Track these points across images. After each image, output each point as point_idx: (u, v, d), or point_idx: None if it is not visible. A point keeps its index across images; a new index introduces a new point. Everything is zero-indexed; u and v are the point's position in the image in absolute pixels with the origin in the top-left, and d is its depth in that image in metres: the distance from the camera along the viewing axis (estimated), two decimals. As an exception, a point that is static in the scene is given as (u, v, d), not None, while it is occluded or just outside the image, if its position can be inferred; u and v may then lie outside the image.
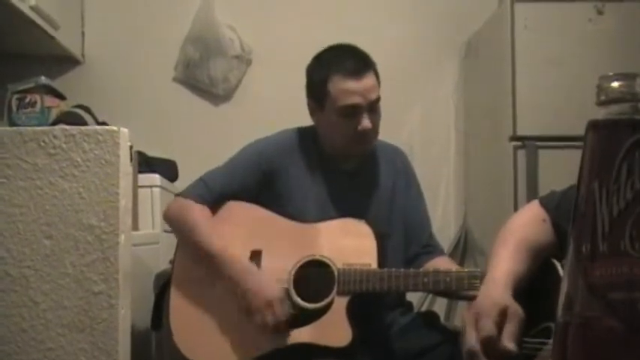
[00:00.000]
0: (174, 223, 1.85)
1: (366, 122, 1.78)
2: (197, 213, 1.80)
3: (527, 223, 1.25)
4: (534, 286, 1.18)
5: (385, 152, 1.98)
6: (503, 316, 1.07)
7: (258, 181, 1.86)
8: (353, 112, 1.78)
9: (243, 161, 1.88)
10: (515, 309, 1.07)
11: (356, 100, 1.77)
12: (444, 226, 2.99)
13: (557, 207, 1.24)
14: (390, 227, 1.87)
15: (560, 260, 1.16)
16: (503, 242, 1.22)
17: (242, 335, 1.73)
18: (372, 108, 1.81)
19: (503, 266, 1.17)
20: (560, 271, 1.15)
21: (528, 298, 1.14)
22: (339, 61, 1.81)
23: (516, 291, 1.13)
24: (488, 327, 1.05)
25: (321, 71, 1.83)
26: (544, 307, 1.07)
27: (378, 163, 1.96)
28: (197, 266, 1.80)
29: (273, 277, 1.73)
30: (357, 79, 1.78)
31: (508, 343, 1.04)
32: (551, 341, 1.07)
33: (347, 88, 1.78)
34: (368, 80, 1.80)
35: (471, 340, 1.06)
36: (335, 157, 1.90)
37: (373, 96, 1.80)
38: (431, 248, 1.95)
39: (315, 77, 1.85)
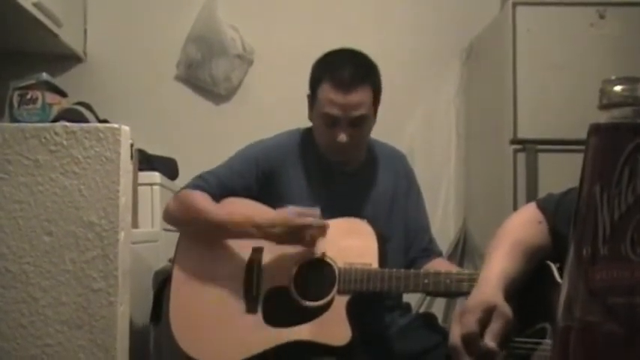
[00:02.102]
0: (177, 212, 1.84)
1: (341, 136, 1.79)
2: (199, 195, 1.81)
3: (523, 225, 1.25)
4: (529, 288, 1.18)
5: (386, 155, 1.99)
6: (489, 313, 1.06)
7: (256, 181, 1.86)
8: (332, 122, 1.80)
9: (241, 161, 1.88)
10: (503, 309, 1.07)
11: (335, 112, 1.78)
12: (443, 228, 2.99)
13: (555, 210, 1.24)
14: (390, 230, 1.87)
15: (555, 262, 1.16)
16: (498, 243, 1.22)
17: (242, 332, 1.73)
18: (355, 123, 1.80)
19: (496, 266, 1.17)
20: (555, 273, 1.15)
21: (523, 299, 1.14)
22: (336, 69, 1.81)
23: (509, 291, 1.13)
24: (470, 323, 1.05)
25: (318, 73, 1.85)
26: (539, 308, 1.07)
27: (379, 166, 1.96)
28: (198, 263, 1.81)
29: (270, 282, 1.75)
30: (345, 92, 1.78)
31: (489, 341, 1.04)
32: (546, 341, 1.08)
33: (330, 99, 1.79)
34: (356, 96, 1.78)
35: (454, 336, 1.06)
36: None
37: (357, 112, 1.79)
38: (429, 252, 1.95)
39: (314, 76, 1.87)
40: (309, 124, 1.95)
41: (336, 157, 1.88)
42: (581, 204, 0.52)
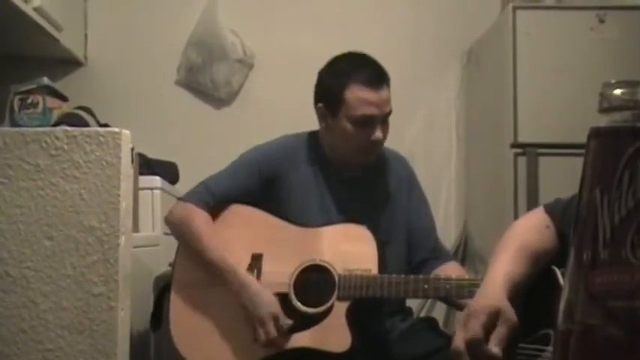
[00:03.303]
0: (177, 228, 1.86)
1: (378, 134, 1.79)
2: (199, 219, 1.80)
3: (531, 229, 1.25)
4: (534, 293, 1.18)
5: (388, 159, 1.98)
6: (494, 318, 1.05)
7: (259, 185, 1.86)
8: (367, 122, 1.78)
9: (244, 165, 1.88)
10: (509, 314, 1.06)
11: (372, 111, 1.78)
12: (444, 232, 2.98)
13: (563, 215, 1.23)
14: (391, 235, 1.87)
15: (561, 267, 1.16)
16: (505, 246, 1.22)
17: (242, 339, 1.73)
18: (384, 120, 1.81)
19: (501, 270, 1.17)
20: (560, 278, 1.15)
21: (527, 304, 1.14)
22: (359, 69, 1.81)
23: (513, 294, 1.12)
24: (475, 328, 1.04)
25: (338, 77, 1.82)
26: (543, 313, 1.07)
27: (381, 169, 1.96)
28: (197, 269, 1.80)
29: (269, 288, 1.74)
30: (376, 90, 1.78)
31: (494, 346, 1.03)
32: (549, 348, 1.07)
33: (365, 98, 1.78)
34: (384, 92, 1.80)
35: (458, 340, 1.05)
36: (338, 163, 1.90)
37: (387, 109, 1.81)
38: (438, 253, 1.95)
39: (331, 82, 1.84)
40: (310, 128, 1.95)
41: (363, 159, 1.87)
42: (582, 208, 0.52)
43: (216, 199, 1.83)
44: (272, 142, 1.94)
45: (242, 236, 1.82)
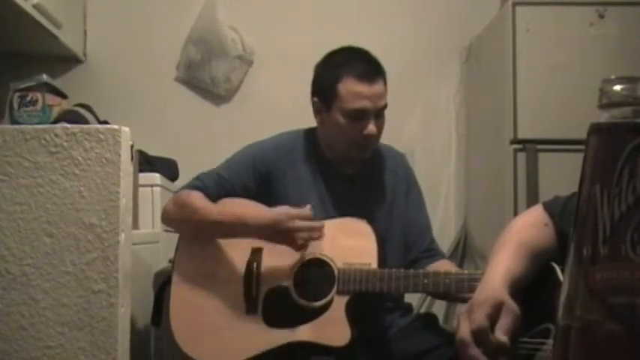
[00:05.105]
0: (174, 212, 1.84)
1: (371, 127, 1.78)
2: (195, 195, 1.80)
3: (529, 226, 1.26)
4: (533, 289, 1.18)
5: (387, 157, 1.98)
6: (497, 309, 1.07)
7: (254, 182, 1.86)
8: (360, 115, 1.78)
9: (239, 162, 1.88)
10: (511, 305, 1.07)
11: (365, 104, 1.77)
12: (444, 228, 2.99)
13: (562, 212, 1.23)
14: (389, 231, 1.87)
15: (559, 264, 1.17)
16: (504, 243, 1.23)
17: (242, 333, 1.74)
18: (379, 114, 1.81)
19: (501, 266, 1.17)
20: (559, 275, 1.15)
21: (527, 300, 1.14)
22: (353, 63, 1.81)
23: (513, 290, 1.13)
24: (480, 318, 1.05)
25: (332, 71, 1.82)
26: (543, 309, 1.07)
27: (379, 167, 1.96)
28: (197, 264, 1.81)
29: (269, 282, 1.75)
30: (369, 83, 1.78)
31: (500, 335, 1.04)
32: (549, 341, 1.08)
33: (358, 91, 1.78)
34: (378, 86, 1.80)
35: (463, 331, 1.06)
36: (335, 160, 1.90)
37: (382, 103, 1.80)
38: (433, 252, 1.95)
39: (325, 76, 1.84)
40: (309, 125, 1.95)
41: (358, 154, 1.86)
42: (581, 204, 0.52)
43: (209, 190, 1.83)
44: (268, 139, 1.94)
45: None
